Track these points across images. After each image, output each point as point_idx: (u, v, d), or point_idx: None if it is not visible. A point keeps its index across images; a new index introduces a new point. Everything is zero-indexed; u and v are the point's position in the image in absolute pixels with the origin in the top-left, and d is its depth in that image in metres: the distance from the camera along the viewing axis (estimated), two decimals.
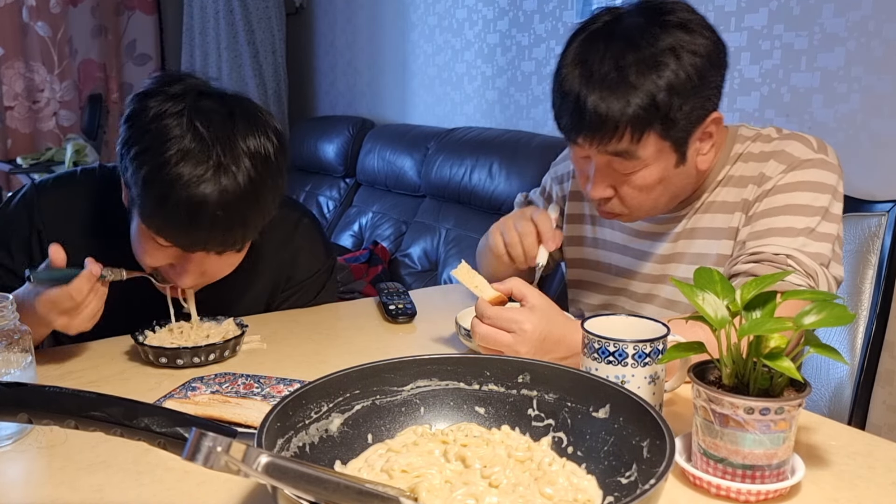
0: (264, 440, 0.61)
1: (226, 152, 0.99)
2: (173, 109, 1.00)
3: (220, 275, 1.13)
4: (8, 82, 3.97)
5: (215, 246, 1.04)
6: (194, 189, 0.98)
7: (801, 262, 1.00)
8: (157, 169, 0.98)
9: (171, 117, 1.00)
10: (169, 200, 0.98)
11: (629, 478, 0.66)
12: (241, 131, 1.02)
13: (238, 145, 1.01)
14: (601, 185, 1.08)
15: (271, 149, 1.05)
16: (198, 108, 1.01)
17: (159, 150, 0.98)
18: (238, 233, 1.04)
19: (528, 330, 0.94)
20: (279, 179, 1.07)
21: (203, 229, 1.00)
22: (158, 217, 1.01)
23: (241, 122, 1.03)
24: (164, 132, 0.99)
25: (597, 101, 0.98)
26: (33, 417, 0.56)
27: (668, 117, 0.99)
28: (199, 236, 1.02)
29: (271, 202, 1.07)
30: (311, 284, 1.36)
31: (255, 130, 1.03)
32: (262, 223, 1.08)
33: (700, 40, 1.00)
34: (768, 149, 1.10)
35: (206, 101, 1.03)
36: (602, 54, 0.99)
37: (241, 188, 1.00)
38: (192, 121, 1.00)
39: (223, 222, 1.01)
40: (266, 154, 1.04)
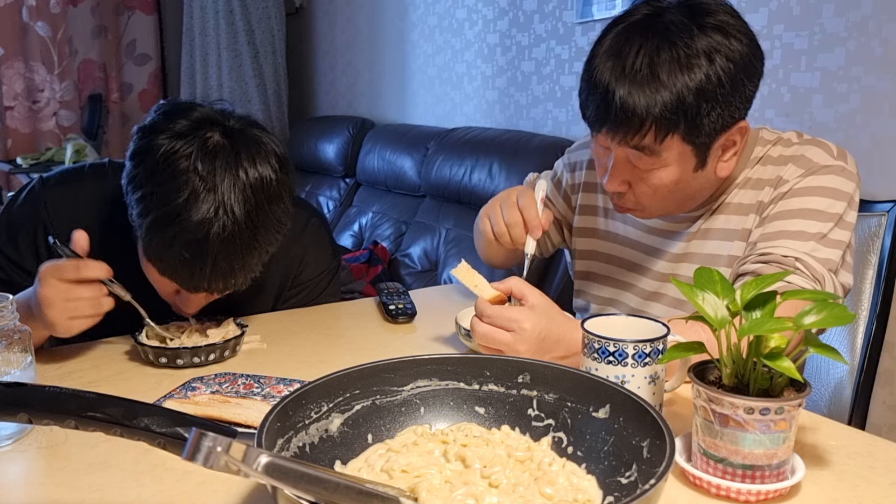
0: (264, 440, 0.61)
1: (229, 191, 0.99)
2: (183, 151, 0.99)
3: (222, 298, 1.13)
4: (8, 82, 3.97)
5: (216, 288, 1.05)
6: (198, 233, 0.98)
7: (809, 266, 0.99)
8: (164, 217, 0.98)
9: (179, 160, 0.99)
10: (174, 246, 0.99)
11: (629, 478, 0.66)
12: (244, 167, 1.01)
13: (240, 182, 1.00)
14: (617, 178, 1.07)
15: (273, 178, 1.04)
16: (205, 150, 1.00)
17: (167, 195, 0.98)
18: (238, 276, 1.05)
19: (527, 329, 0.94)
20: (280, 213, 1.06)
21: (204, 274, 1.01)
22: (162, 261, 1.02)
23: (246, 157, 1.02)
24: (173, 178, 0.98)
25: (625, 95, 0.98)
26: (33, 417, 0.56)
27: (693, 121, 0.98)
28: (201, 281, 1.03)
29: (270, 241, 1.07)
30: (316, 284, 1.36)
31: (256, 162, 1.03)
32: (261, 262, 1.08)
33: (737, 46, 0.99)
34: (788, 153, 1.10)
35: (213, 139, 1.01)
36: (637, 48, 0.99)
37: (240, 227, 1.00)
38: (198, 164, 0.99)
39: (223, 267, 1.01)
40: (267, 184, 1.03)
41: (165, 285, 1.08)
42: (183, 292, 1.09)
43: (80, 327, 1.03)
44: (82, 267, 0.99)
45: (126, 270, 1.15)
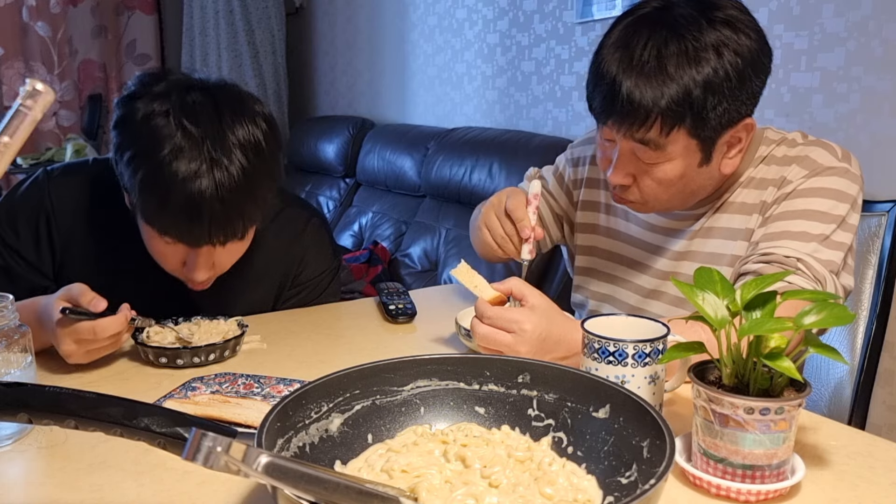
0: (264, 440, 0.61)
1: (216, 146, 1.01)
2: (160, 109, 1.02)
3: (229, 265, 1.14)
4: (8, 82, 3.97)
5: (219, 238, 1.05)
6: (190, 187, 0.99)
7: (811, 267, 0.99)
8: (152, 172, 1.00)
9: (158, 117, 1.02)
10: (168, 201, 1.00)
11: (629, 478, 0.66)
12: (228, 123, 1.04)
13: (228, 138, 1.03)
14: (621, 171, 1.07)
15: (261, 135, 1.06)
16: (183, 104, 1.03)
17: (151, 152, 1.00)
18: (238, 223, 1.06)
19: (528, 330, 0.94)
20: (273, 165, 1.09)
21: (203, 225, 1.02)
22: (160, 218, 1.03)
23: (228, 113, 1.05)
24: (154, 133, 1.01)
25: (632, 87, 0.98)
26: (33, 417, 0.56)
27: (699, 115, 0.98)
28: (202, 232, 1.03)
29: (267, 188, 1.09)
30: (316, 284, 1.37)
31: (242, 119, 1.05)
32: (262, 209, 1.10)
33: (745, 41, 0.99)
34: (792, 153, 1.10)
35: (191, 96, 1.05)
36: (645, 40, 0.99)
37: (235, 180, 1.02)
38: (179, 119, 1.01)
39: (222, 215, 1.02)
40: (256, 141, 1.05)
41: (171, 255, 1.09)
42: (190, 260, 1.09)
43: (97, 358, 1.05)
44: (98, 330, 0.99)
45: (131, 261, 1.15)
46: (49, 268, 1.22)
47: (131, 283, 1.13)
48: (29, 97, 0.51)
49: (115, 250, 1.22)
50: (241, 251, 1.15)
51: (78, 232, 1.22)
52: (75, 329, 0.99)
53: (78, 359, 1.02)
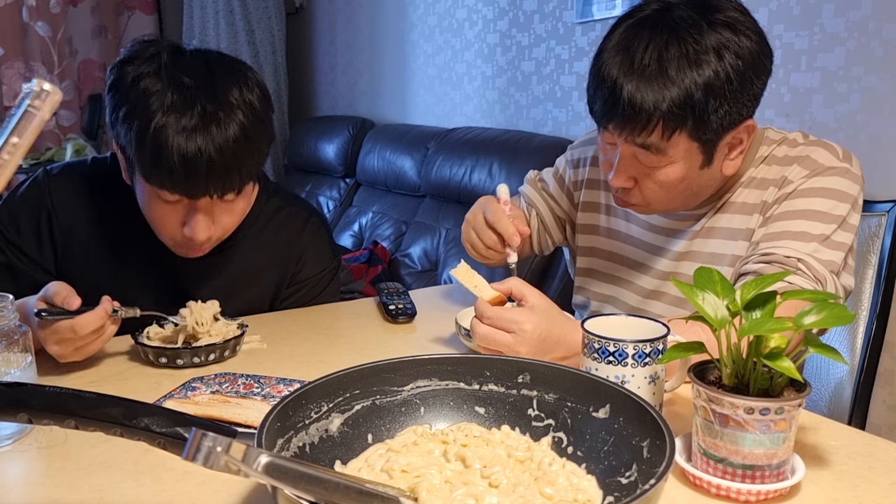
0: (264, 440, 0.61)
1: (210, 100, 1.03)
2: (150, 69, 1.05)
3: (230, 225, 1.15)
4: (8, 82, 3.97)
5: (217, 188, 1.06)
6: (185, 137, 1.01)
7: (811, 267, 0.99)
8: (147, 124, 1.02)
9: (150, 76, 1.04)
10: (163, 151, 1.02)
11: (629, 478, 0.66)
12: (221, 82, 1.06)
13: (221, 93, 1.05)
14: (623, 174, 1.07)
15: (255, 99, 1.09)
16: (174, 62, 1.06)
17: (144, 106, 1.03)
18: (235, 176, 1.07)
19: (527, 330, 0.94)
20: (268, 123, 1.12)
21: (201, 175, 1.03)
22: (157, 171, 1.04)
23: (221, 73, 1.08)
24: (146, 90, 1.03)
25: (633, 90, 0.98)
26: (33, 417, 0.56)
27: (701, 118, 0.98)
28: (199, 181, 1.04)
29: (263, 145, 1.11)
30: (315, 283, 1.37)
31: (237, 82, 1.08)
32: (258, 162, 1.11)
33: (746, 43, 0.99)
34: (793, 153, 1.10)
35: (181, 57, 1.08)
36: (645, 44, 0.99)
37: (231, 134, 1.04)
38: (171, 74, 1.04)
39: (219, 167, 1.04)
40: (250, 102, 1.08)
41: (170, 216, 1.09)
42: (189, 219, 1.09)
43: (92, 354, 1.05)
44: (78, 328, 0.99)
45: (132, 256, 1.15)
46: (51, 264, 1.22)
47: (132, 278, 1.13)
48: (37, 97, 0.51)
49: (116, 246, 1.22)
50: (242, 212, 1.15)
51: (79, 229, 1.22)
52: (55, 329, 0.99)
53: (69, 358, 1.02)
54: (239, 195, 1.11)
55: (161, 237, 1.14)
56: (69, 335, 0.99)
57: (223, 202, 1.10)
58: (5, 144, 0.51)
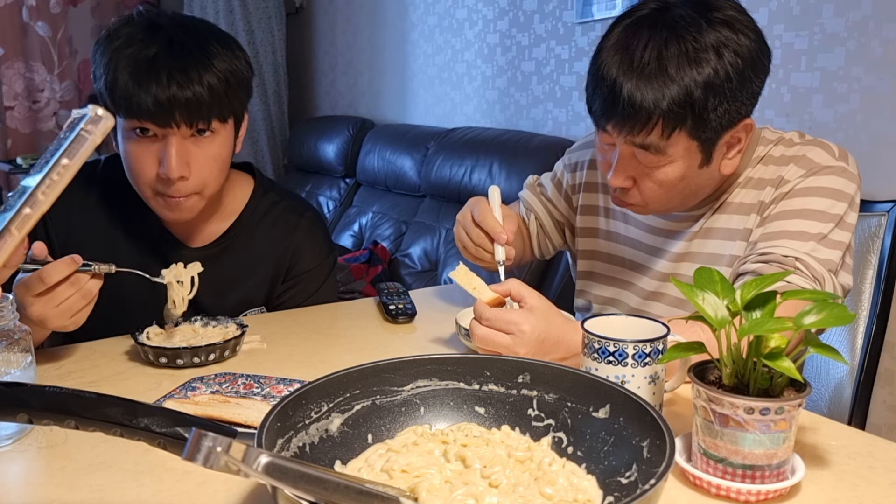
0: (264, 440, 0.61)
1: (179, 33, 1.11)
2: (126, 20, 1.13)
3: (206, 172, 1.16)
4: (8, 82, 3.97)
5: (184, 114, 1.09)
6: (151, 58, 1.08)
7: (809, 266, 0.99)
8: (116, 54, 1.08)
9: (124, 25, 1.12)
10: (130, 73, 1.07)
11: (629, 478, 0.66)
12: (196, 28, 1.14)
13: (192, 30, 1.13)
14: (622, 174, 1.07)
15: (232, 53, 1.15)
16: (149, 11, 1.14)
17: (114, 36, 1.10)
18: (203, 102, 1.10)
19: (526, 331, 0.94)
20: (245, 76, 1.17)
21: (166, 96, 1.07)
22: (124, 96, 1.08)
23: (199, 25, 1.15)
24: (118, 32, 1.11)
25: (632, 89, 0.98)
26: (33, 417, 0.56)
27: (700, 116, 0.98)
28: (165, 103, 1.07)
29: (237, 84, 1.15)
30: (311, 277, 1.37)
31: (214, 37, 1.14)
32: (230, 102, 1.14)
33: (745, 41, 0.99)
34: (789, 153, 1.10)
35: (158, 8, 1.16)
36: (645, 42, 0.99)
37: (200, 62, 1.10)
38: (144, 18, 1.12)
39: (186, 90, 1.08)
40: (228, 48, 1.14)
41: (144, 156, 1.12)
42: (163, 156, 1.11)
43: (84, 318, 1.03)
44: (45, 275, 0.97)
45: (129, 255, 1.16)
46: None
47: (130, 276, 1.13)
48: (91, 122, 0.52)
49: (113, 245, 1.23)
50: (216, 158, 1.17)
51: (75, 230, 1.23)
52: (26, 285, 0.97)
53: (53, 321, 0.99)
54: (211, 131, 1.13)
55: (140, 189, 1.16)
56: (39, 286, 0.97)
57: (196, 140, 1.12)
58: (56, 165, 0.52)
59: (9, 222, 0.51)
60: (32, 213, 0.51)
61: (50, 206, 0.53)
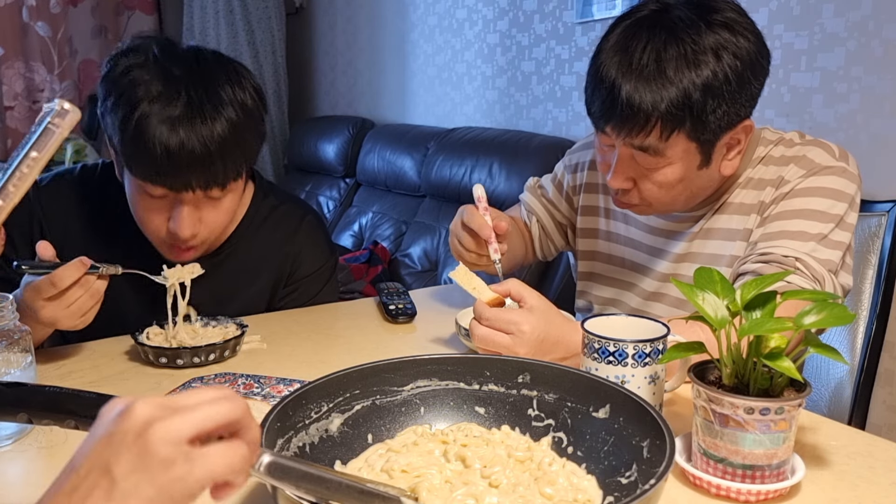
0: (264, 440, 0.61)
1: (197, 92, 1.04)
2: (140, 60, 1.06)
3: (217, 225, 1.14)
4: (8, 82, 3.97)
5: (200, 182, 1.06)
6: (168, 127, 1.02)
7: (809, 266, 0.99)
8: (131, 112, 1.02)
9: (138, 67, 1.05)
10: (146, 140, 1.02)
11: (629, 478, 0.66)
12: (212, 76, 1.07)
13: (210, 87, 1.06)
14: (621, 176, 1.07)
15: (247, 98, 1.09)
16: (165, 54, 1.07)
17: (131, 94, 1.03)
18: (219, 170, 1.06)
19: (526, 331, 0.94)
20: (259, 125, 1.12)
21: (183, 166, 1.03)
22: (140, 161, 1.04)
23: (213, 68, 1.08)
24: (134, 79, 1.04)
25: (631, 91, 0.98)
26: (33, 417, 0.56)
27: (699, 118, 0.98)
28: (182, 172, 1.04)
29: (253, 142, 1.11)
30: (312, 281, 1.37)
31: (228, 79, 1.08)
32: (247, 161, 1.11)
33: (744, 43, 0.99)
34: (790, 153, 1.10)
35: (171, 49, 1.08)
36: (644, 44, 0.99)
37: (218, 128, 1.04)
38: (160, 64, 1.05)
39: (203, 159, 1.03)
40: (241, 101, 1.08)
41: (156, 211, 1.09)
42: (175, 214, 1.09)
43: (92, 317, 1.03)
44: (56, 280, 0.98)
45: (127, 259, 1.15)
46: None
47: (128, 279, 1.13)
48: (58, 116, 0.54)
49: (110, 250, 1.22)
50: (228, 211, 1.15)
51: (71, 235, 1.22)
52: (36, 289, 0.98)
53: (64, 322, 1.00)
54: (224, 191, 1.10)
55: (148, 235, 1.14)
56: (51, 290, 0.97)
57: (209, 198, 1.10)
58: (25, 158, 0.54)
59: None
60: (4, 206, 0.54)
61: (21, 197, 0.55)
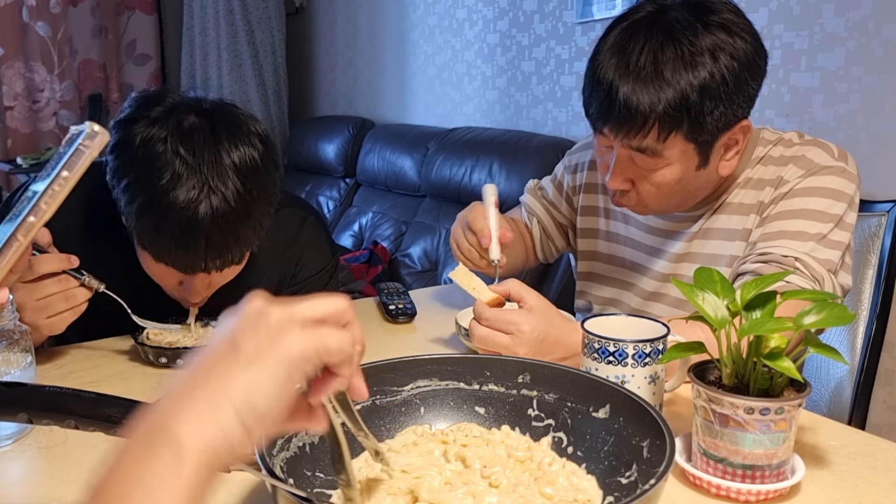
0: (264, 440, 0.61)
1: (213, 172, 0.99)
2: (158, 135, 1.00)
3: (224, 282, 1.13)
4: (8, 82, 3.97)
5: (214, 264, 1.04)
6: (188, 214, 0.98)
7: (809, 266, 1.00)
8: (150, 199, 0.98)
9: (157, 143, 1.00)
10: (164, 228, 0.98)
11: (629, 478, 0.66)
12: (224, 146, 1.01)
13: (223, 160, 1.00)
14: (619, 177, 1.07)
15: (257, 155, 1.04)
16: (181, 129, 1.01)
17: (149, 179, 0.98)
18: (234, 248, 1.04)
19: (526, 331, 0.94)
20: (270, 185, 1.07)
21: (199, 252, 1.01)
22: (155, 245, 1.01)
23: (225, 135, 1.02)
24: (153, 161, 0.99)
25: (629, 92, 0.98)
26: (33, 417, 0.56)
27: (696, 119, 0.98)
28: (197, 259, 1.01)
29: (263, 211, 1.07)
30: (314, 282, 1.37)
31: (237, 141, 1.03)
32: (258, 233, 1.08)
33: (741, 44, 0.99)
34: (789, 153, 1.10)
35: (188, 120, 1.02)
36: (641, 45, 0.99)
37: (231, 205, 0.99)
38: (177, 145, 0.99)
39: (219, 242, 1.01)
40: (253, 163, 1.03)
41: (166, 276, 1.08)
42: (185, 281, 1.08)
43: (63, 324, 1.02)
44: (35, 263, 0.97)
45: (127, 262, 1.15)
46: None
47: (127, 284, 1.12)
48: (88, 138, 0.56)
49: (110, 253, 1.21)
50: (237, 272, 1.13)
51: (71, 239, 1.21)
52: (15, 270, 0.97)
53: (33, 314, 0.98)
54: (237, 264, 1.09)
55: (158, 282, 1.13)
56: (28, 274, 0.96)
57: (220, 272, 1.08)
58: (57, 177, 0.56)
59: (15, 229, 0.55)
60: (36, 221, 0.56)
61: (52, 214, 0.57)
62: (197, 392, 0.41)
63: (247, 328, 0.46)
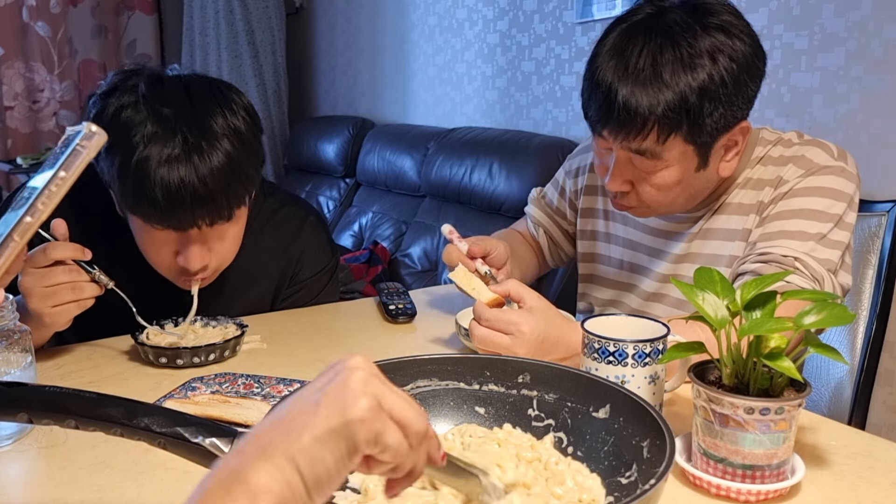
0: None
1: (191, 129, 1.02)
2: (130, 100, 1.03)
3: (227, 254, 1.13)
4: (8, 82, 3.97)
5: (204, 219, 1.04)
6: (167, 169, 1.00)
7: (808, 266, 1.00)
8: (128, 158, 1.00)
9: (129, 108, 1.03)
10: (146, 185, 1.00)
11: (629, 478, 0.66)
12: (203, 109, 1.04)
13: (203, 121, 1.03)
14: (619, 179, 1.07)
15: (240, 122, 1.07)
16: (153, 93, 1.04)
17: (125, 140, 1.01)
18: (221, 202, 1.05)
19: (525, 332, 0.94)
20: (256, 146, 1.09)
21: (186, 206, 1.01)
22: (142, 205, 1.03)
23: (203, 100, 1.06)
24: (127, 123, 1.02)
25: (628, 95, 0.98)
26: (33, 417, 0.56)
27: (696, 121, 0.98)
28: (185, 213, 1.02)
29: (251, 168, 1.09)
30: (314, 282, 1.37)
31: (219, 107, 1.06)
32: (247, 187, 1.09)
33: (740, 46, 0.99)
34: (788, 153, 1.10)
35: (161, 86, 1.06)
36: (640, 48, 0.99)
37: (215, 163, 1.02)
38: (150, 105, 1.02)
39: (204, 196, 1.02)
40: (235, 128, 1.06)
41: (162, 246, 1.08)
42: (182, 249, 1.08)
43: (67, 316, 1.01)
44: (49, 248, 0.97)
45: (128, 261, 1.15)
46: None
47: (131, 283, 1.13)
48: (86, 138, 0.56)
49: (110, 252, 1.21)
50: (236, 237, 1.13)
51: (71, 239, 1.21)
52: (30, 256, 0.97)
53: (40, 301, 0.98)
54: (230, 221, 1.09)
55: (156, 268, 1.13)
56: (42, 259, 0.97)
57: (215, 230, 1.08)
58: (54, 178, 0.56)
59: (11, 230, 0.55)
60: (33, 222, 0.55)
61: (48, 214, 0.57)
62: (276, 447, 0.46)
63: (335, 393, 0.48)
